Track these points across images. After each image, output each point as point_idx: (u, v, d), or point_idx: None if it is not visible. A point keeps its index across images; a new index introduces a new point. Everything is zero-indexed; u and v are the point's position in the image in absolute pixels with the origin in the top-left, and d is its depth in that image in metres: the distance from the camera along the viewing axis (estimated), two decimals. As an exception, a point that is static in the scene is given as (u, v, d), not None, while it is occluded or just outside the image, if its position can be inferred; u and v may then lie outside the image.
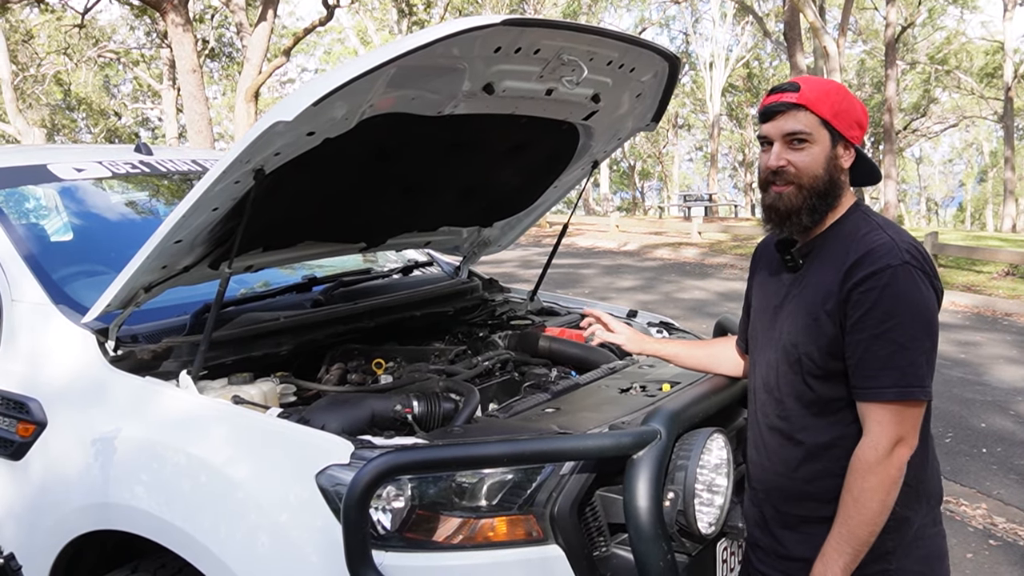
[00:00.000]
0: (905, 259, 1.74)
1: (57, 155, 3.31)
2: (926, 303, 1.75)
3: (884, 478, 1.74)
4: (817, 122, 1.82)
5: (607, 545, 2.02)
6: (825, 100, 1.82)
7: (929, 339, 1.75)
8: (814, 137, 1.82)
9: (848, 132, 1.84)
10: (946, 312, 10.54)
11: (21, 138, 22.70)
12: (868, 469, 1.74)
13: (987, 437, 5.73)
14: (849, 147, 1.86)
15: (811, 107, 1.81)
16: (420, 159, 2.78)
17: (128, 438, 2.19)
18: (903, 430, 1.74)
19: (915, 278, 1.74)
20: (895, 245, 1.76)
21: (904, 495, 1.80)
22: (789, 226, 1.88)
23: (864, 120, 1.87)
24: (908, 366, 1.72)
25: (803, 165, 1.83)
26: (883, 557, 1.82)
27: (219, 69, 33.74)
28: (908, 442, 1.75)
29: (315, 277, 3.25)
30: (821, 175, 1.83)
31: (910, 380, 1.73)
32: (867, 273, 1.74)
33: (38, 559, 2.29)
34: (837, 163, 1.85)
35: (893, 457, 1.74)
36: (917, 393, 1.73)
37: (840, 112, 1.83)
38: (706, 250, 17.31)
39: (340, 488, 1.84)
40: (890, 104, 23.77)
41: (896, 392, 1.73)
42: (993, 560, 4.05)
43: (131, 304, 2.39)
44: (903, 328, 1.72)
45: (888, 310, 1.72)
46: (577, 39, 2.40)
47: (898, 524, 1.82)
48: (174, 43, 15.98)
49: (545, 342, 3.03)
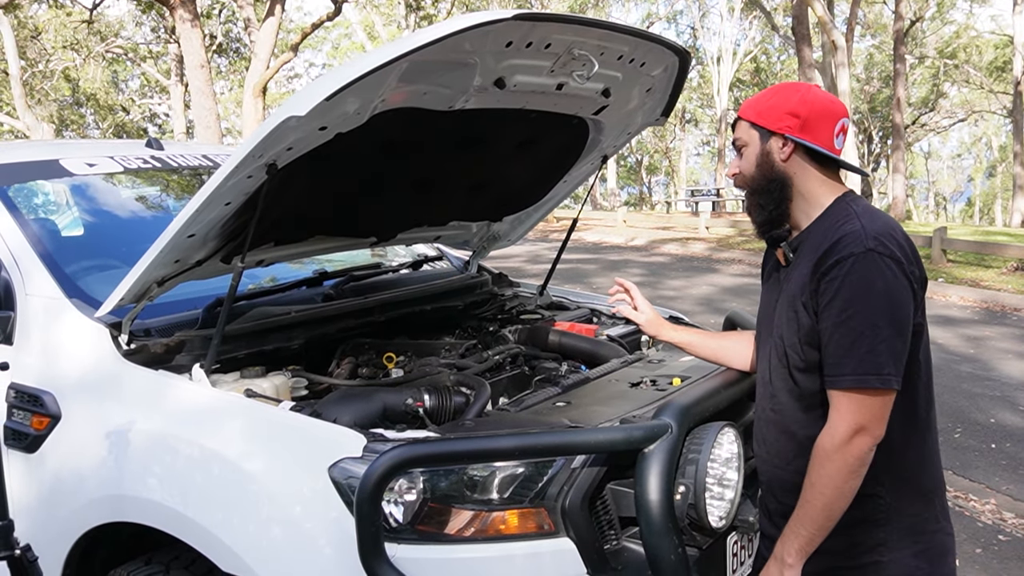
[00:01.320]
0: (869, 246, 1.74)
1: (69, 150, 3.33)
2: (889, 290, 1.73)
3: (841, 466, 1.75)
4: (747, 126, 1.94)
5: (618, 538, 2.03)
6: (753, 105, 1.95)
7: (891, 327, 1.73)
8: (745, 141, 1.95)
9: (776, 124, 1.89)
10: (955, 307, 10.51)
11: (30, 133, 22.78)
12: (826, 456, 1.76)
13: (996, 432, 5.72)
14: (787, 140, 1.89)
15: (743, 116, 1.96)
16: (431, 154, 2.79)
17: (141, 431, 2.21)
18: (863, 419, 1.74)
19: (879, 265, 1.73)
20: (863, 233, 1.77)
21: (897, 487, 1.82)
22: (753, 224, 2.00)
23: (801, 109, 1.87)
24: (866, 354, 1.72)
25: (744, 168, 1.96)
26: (875, 549, 1.84)
27: (227, 64, 33.79)
28: (870, 431, 1.74)
29: (326, 272, 3.26)
30: (754, 173, 1.94)
31: (867, 368, 1.72)
32: (832, 262, 1.76)
33: (53, 550, 2.31)
34: (770, 157, 1.91)
35: (851, 446, 1.74)
36: (873, 381, 1.72)
37: (765, 110, 1.91)
38: (714, 245, 17.29)
39: (353, 481, 1.85)
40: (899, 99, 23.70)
41: (852, 380, 1.74)
42: (1002, 555, 4.04)
43: (144, 298, 2.40)
44: (861, 316, 1.73)
45: (849, 298, 1.74)
46: (588, 33, 2.40)
47: (888, 516, 1.83)
48: (182, 38, 16.03)
49: (555, 336, 3.04)
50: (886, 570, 1.84)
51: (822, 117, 1.88)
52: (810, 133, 1.88)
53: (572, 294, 3.84)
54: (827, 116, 1.89)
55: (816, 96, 1.90)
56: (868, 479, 1.79)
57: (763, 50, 39.78)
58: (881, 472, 1.81)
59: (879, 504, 1.83)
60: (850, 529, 1.83)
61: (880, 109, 37.66)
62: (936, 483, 1.93)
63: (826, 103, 1.90)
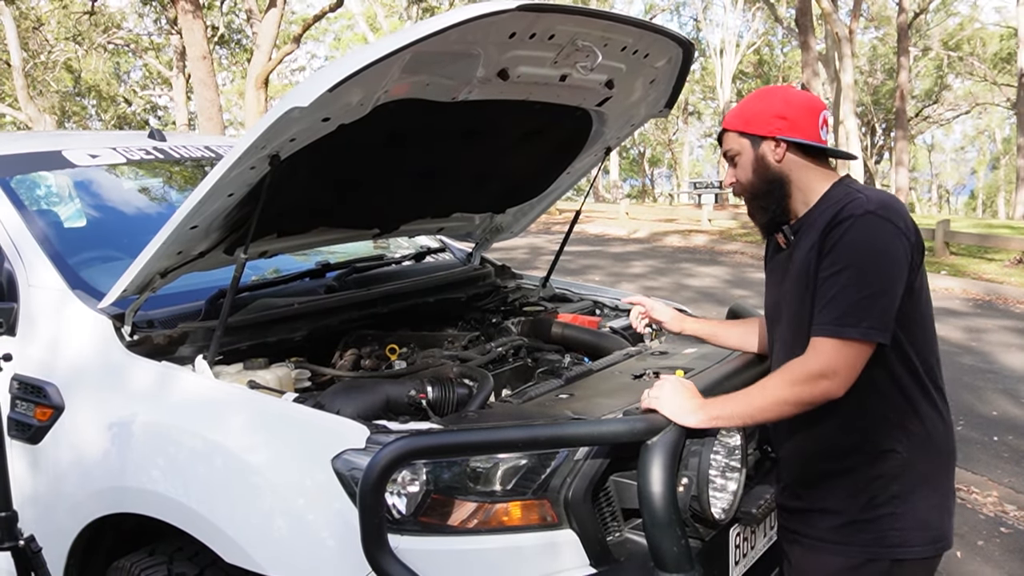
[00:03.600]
0: (869, 208, 1.83)
1: (71, 141, 3.33)
2: (883, 250, 1.81)
3: (792, 397, 1.83)
4: (736, 136, 2.03)
5: (621, 530, 2.04)
6: (738, 115, 2.04)
7: (880, 283, 1.80)
8: (736, 150, 2.04)
9: (765, 129, 1.98)
10: (956, 300, 10.50)
11: (32, 125, 22.78)
12: (789, 380, 1.84)
13: (998, 425, 5.72)
14: (779, 141, 1.98)
15: (728, 126, 2.05)
16: (434, 145, 2.78)
17: (144, 422, 2.21)
18: (835, 365, 1.80)
19: (876, 226, 1.82)
20: (865, 200, 1.86)
21: (913, 443, 1.91)
22: (756, 225, 2.10)
23: (786, 110, 1.98)
24: (850, 306, 1.79)
25: (740, 176, 2.05)
26: (890, 501, 1.91)
27: (229, 56, 33.72)
28: (836, 381, 1.80)
29: (328, 263, 3.26)
30: (752, 179, 2.02)
31: (847, 319, 1.79)
32: (835, 224, 1.85)
33: (57, 541, 2.32)
34: (765, 161, 2.00)
35: (814, 386, 1.81)
36: (851, 332, 1.79)
37: (751, 117, 2.00)
38: (716, 237, 17.27)
39: (356, 472, 1.85)
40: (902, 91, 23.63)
41: (832, 329, 1.80)
42: (1004, 548, 4.05)
43: (147, 289, 2.40)
44: (852, 270, 1.80)
45: (843, 254, 1.82)
46: (592, 24, 2.39)
47: (904, 470, 1.91)
48: (184, 30, 15.99)
49: (558, 328, 3.03)
50: (899, 521, 1.91)
51: (806, 113, 1.99)
52: (799, 131, 1.98)
53: (575, 286, 3.84)
54: (810, 112, 2.00)
55: (796, 95, 2.04)
56: (885, 436, 1.90)
57: (766, 42, 39.65)
58: (897, 428, 1.90)
59: (896, 459, 1.91)
60: (869, 485, 1.91)
61: (883, 101, 37.51)
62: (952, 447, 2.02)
63: (806, 100, 2.03)
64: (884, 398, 1.90)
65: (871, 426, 1.91)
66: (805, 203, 1.99)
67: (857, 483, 1.93)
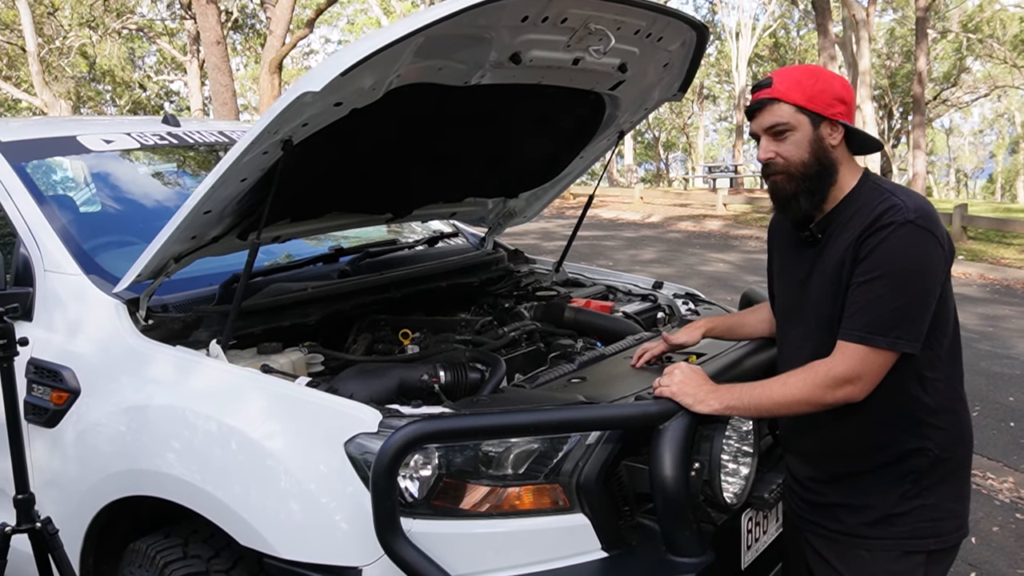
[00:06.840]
0: (910, 218, 1.79)
1: (86, 127, 3.34)
2: (920, 260, 1.79)
3: (815, 397, 1.83)
4: (793, 110, 1.88)
5: (633, 515, 2.04)
6: (797, 87, 1.89)
7: (915, 295, 1.79)
8: (792, 125, 1.89)
9: (828, 111, 1.89)
10: (974, 285, 10.42)
11: (47, 110, 22.87)
12: (812, 381, 1.83)
13: (1015, 411, 5.69)
14: (836, 124, 1.91)
15: (784, 98, 1.89)
16: (446, 129, 2.78)
17: (159, 406, 2.22)
18: (860, 371, 1.80)
19: (915, 237, 1.79)
20: (904, 207, 1.82)
21: (941, 438, 1.90)
22: (791, 211, 1.96)
23: (846, 95, 1.91)
24: (882, 315, 1.78)
25: (788, 153, 1.90)
26: (920, 494, 1.90)
27: (242, 41, 33.71)
28: (859, 386, 1.81)
29: (342, 248, 3.26)
30: (808, 159, 1.90)
31: (878, 328, 1.78)
32: (873, 230, 1.81)
33: (73, 524, 2.34)
34: (824, 143, 1.90)
35: (837, 390, 1.81)
36: (880, 340, 1.78)
37: (815, 95, 1.88)
38: (731, 222, 17.20)
39: (369, 456, 1.86)
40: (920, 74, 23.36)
41: (861, 335, 1.79)
42: (1019, 533, 4.03)
43: (161, 274, 2.41)
44: (887, 279, 1.78)
45: (879, 261, 1.79)
46: (605, 8, 2.37)
47: (935, 465, 1.90)
48: (198, 15, 15.98)
49: (571, 313, 3.03)
50: (931, 512, 1.91)
51: (853, 102, 1.95)
52: (852, 118, 1.93)
53: (588, 270, 3.83)
54: (854, 101, 1.95)
55: (847, 82, 1.97)
56: (915, 435, 1.89)
57: (783, 25, 39.29)
58: (928, 427, 1.89)
59: (928, 456, 1.90)
60: (900, 481, 1.91)
61: (901, 84, 37.12)
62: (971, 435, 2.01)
63: (851, 89, 1.96)
64: (913, 400, 1.88)
65: (900, 426, 1.90)
66: (834, 197, 1.93)
67: (887, 480, 1.91)
